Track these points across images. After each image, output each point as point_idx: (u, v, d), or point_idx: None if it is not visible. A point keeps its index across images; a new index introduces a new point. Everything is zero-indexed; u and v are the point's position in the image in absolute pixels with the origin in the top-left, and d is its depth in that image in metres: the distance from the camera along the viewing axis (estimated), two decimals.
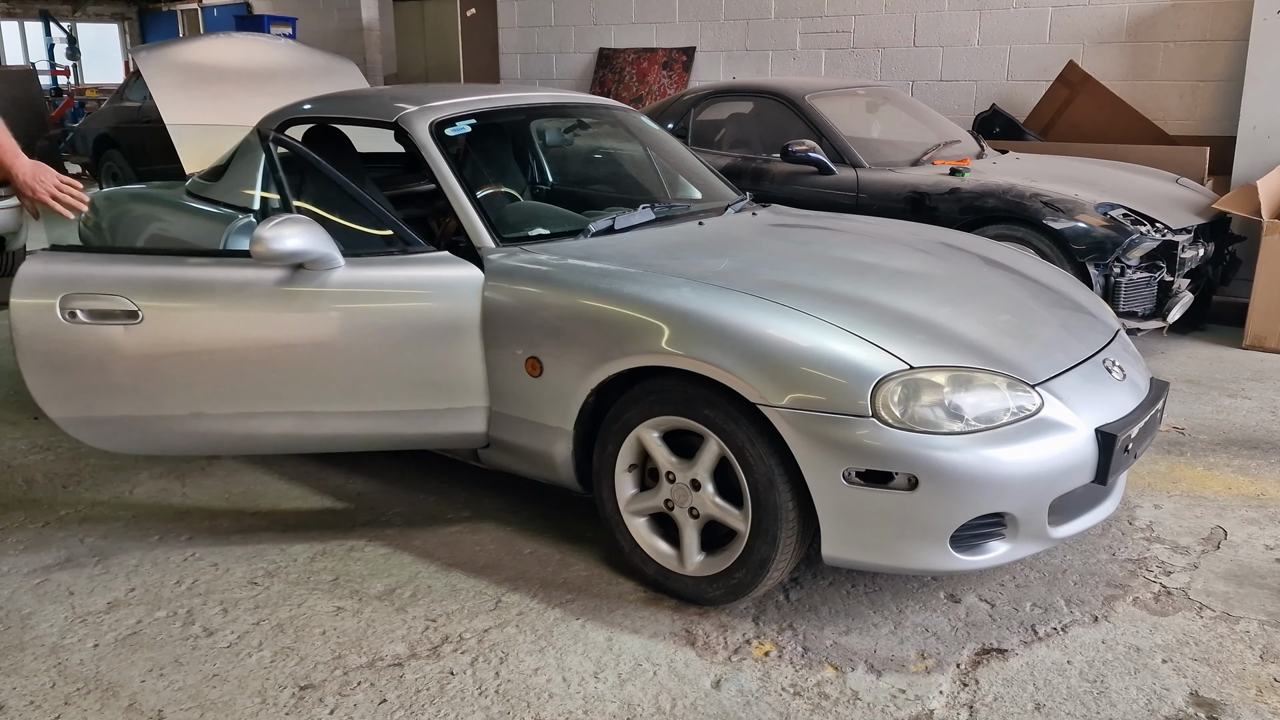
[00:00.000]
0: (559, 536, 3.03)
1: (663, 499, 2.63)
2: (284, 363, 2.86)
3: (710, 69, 8.45)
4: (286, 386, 2.87)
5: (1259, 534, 3.02)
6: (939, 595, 2.69)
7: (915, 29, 7.36)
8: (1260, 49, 5.56)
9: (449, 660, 2.41)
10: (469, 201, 3.06)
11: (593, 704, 2.25)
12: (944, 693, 2.28)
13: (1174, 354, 4.94)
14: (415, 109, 3.31)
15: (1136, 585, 2.74)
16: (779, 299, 2.55)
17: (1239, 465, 3.53)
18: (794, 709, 2.22)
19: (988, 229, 4.65)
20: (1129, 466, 2.61)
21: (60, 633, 2.55)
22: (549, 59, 9.49)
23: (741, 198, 3.73)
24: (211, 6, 15.86)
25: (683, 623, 2.56)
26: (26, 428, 4.02)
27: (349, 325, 2.82)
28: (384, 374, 2.85)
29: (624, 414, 2.62)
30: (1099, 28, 6.64)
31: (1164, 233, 4.59)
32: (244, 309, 2.83)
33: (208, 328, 2.85)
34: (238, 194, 3.70)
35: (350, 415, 2.91)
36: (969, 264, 3.18)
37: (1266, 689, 2.27)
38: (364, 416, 2.91)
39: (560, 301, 2.72)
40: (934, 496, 2.27)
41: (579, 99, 4.15)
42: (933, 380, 2.36)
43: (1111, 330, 2.97)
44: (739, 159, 5.66)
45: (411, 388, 2.86)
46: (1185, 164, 5.69)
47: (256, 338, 2.83)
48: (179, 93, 4.52)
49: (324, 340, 2.83)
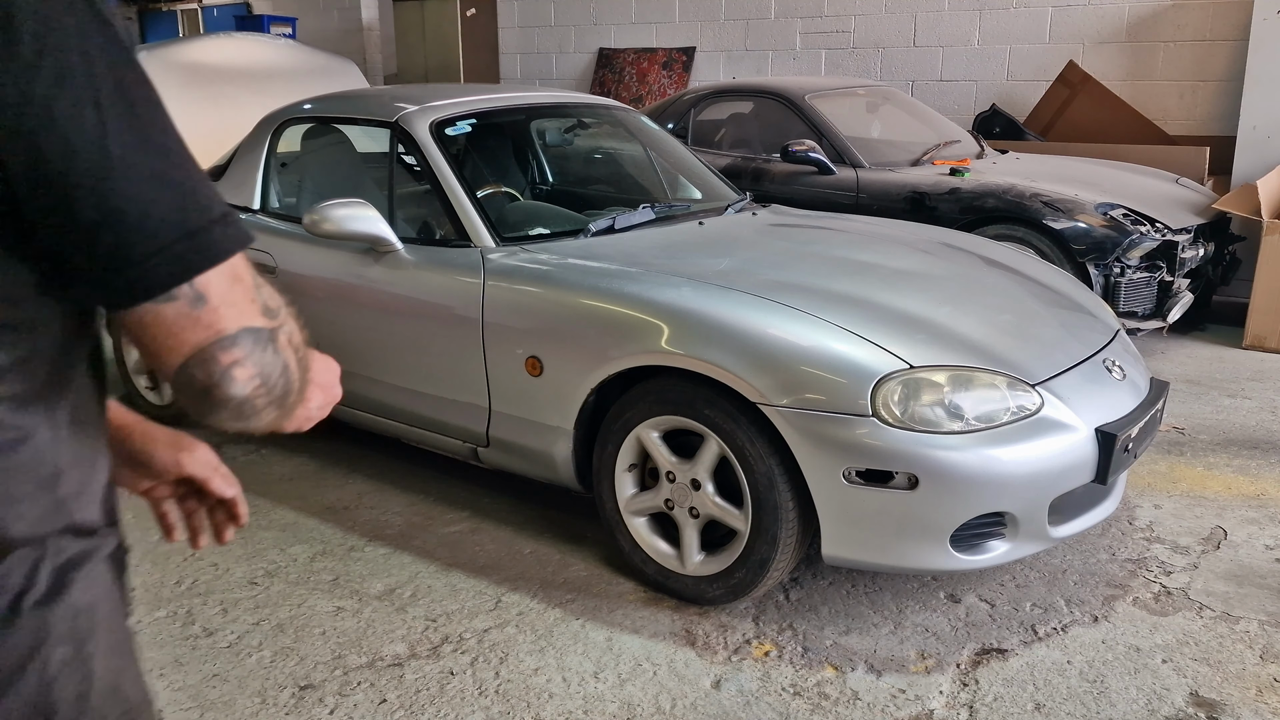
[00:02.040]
0: (559, 536, 3.03)
1: (663, 499, 2.63)
2: (357, 330, 3.18)
3: (710, 69, 8.44)
4: (358, 352, 3.19)
5: (1259, 534, 3.02)
6: (939, 595, 2.69)
7: (915, 29, 7.36)
8: (1260, 49, 5.56)
9: (449, 660, 2.41)
10: (469, 201, 3.06)
11: (593, 704, 2.25)
12: (944, 693, 2.28)
13: (1174, 354, 4.94)
14: (415, 109, 3.31)
15: (1136, 585, 2.74)
16: (779, 298, 2.55)
17: (1239, 465, 3.53)
18: (794, 709, 2.22)
19: (988, 229, 4.65)
20: (1129, 466, 2.61)
21: None
22: (549, 59, 9.49)
23: (741, 198, 3.73)
24: (211, 6, 15.86)
25: (683, 623, 2.56)
26: None
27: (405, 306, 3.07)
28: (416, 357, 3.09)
29: (624, 413, 2.62)
30: (1099, 28, 6.63)
31: (1164, 233, 4.59)
32: (331, 273, 3.20)
33: (315, 288, 3.21)
34: (238, 193, 3.70)
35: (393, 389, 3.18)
36: (969, 264, 3.18)
37: (1266, 689, 2.27)
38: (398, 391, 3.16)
39: (560, 301, 2.72)
40: (934, 496, 2.27)
41: (579, 99, 4.15)
42: (933, 380, 2.36)
43: (1111, 330, 2.97)
44: (739, 159, 5.66)
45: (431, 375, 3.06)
46: (1185, 164, 5.69)
47: (341, 300, 3.21)
48: (179, 93, 4.52)
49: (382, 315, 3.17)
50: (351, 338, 3.16)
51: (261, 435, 1.63)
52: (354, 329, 3.17)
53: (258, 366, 0.79)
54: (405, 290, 3.03)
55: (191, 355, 0.76)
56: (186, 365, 0.77)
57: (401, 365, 3.07)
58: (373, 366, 3.15)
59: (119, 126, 0.73)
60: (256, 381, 0.79)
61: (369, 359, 3.15)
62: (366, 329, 3.12)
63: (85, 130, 0.71)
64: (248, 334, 0.78)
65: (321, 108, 3.70)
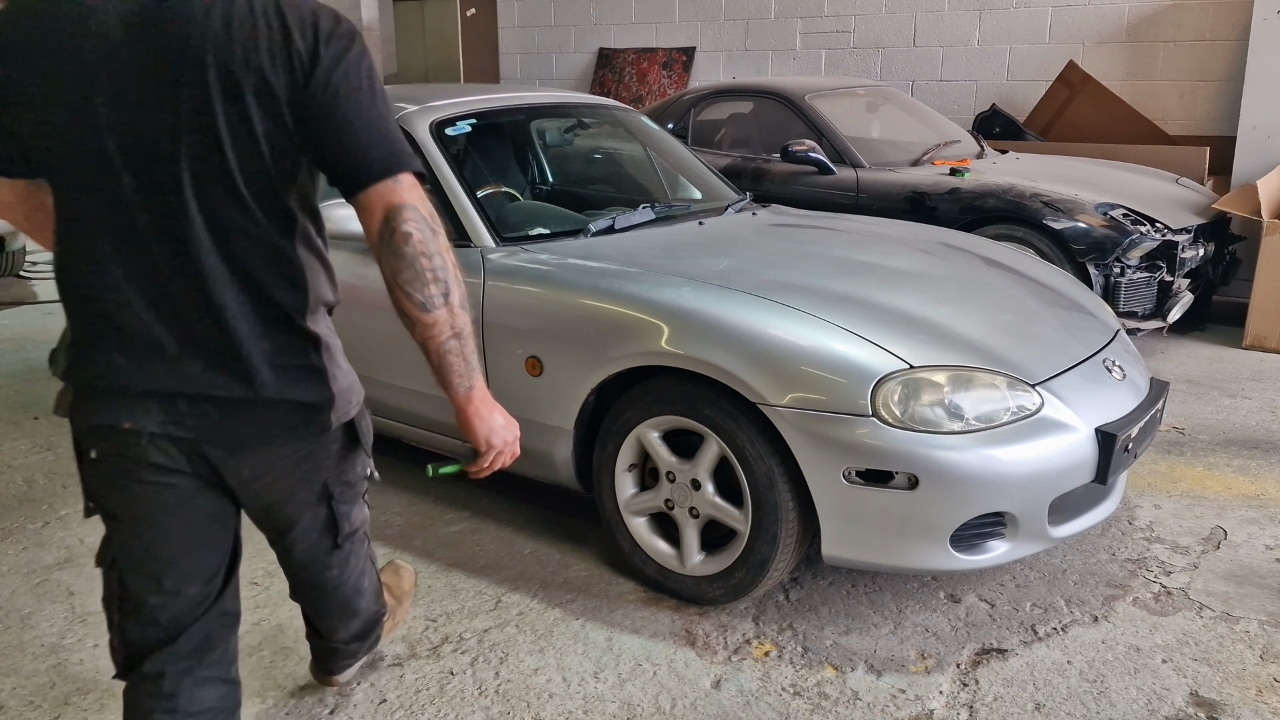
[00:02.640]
0: (559, 536, 3.03)
1: (663, 499, 2.63)
2: (358, 330, 3.11)
3: (710, 69, 8.44)
4: (358, 352, 3.18)
5: (1259, 534, 3.02)
6: (939, 595, 2.69)
7: (915, 29, 7.36)
8: (1260, 49, 5.56)
9: (449, 660, 2.41)
10: (469, 201, 3.06)
11: (593, 704, 2.25)
12: (944, 693, 2.28)
13: (1174, 354, 4.95)
14: (415, 109, 3.30)
15: (1136, 585, 2.74)
16: (779, 298, 2.55)
17: (1239, 465, 3.53)
18: (794, 709, 2.22)
19: (988, 229, 4.65)
20: (1129, 466, 2.61)
21: (60, 633, 2.55)
22: (549, 59, 9.49)
23: (741, 198, 3.73)
24: None
25: (683, 623, 2.56)
26: (27, 428, 4.02)
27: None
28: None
29: (624, 414, 2.62)
30: (1099, 28, 6.64)
31: (1164, 233, 4.59)
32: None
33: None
34: None
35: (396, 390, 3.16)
36: (969, 264, 3.18)
37: (1266, 689, 2.27)
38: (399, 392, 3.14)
39: (560, 301, 2.72)
40: (934, 496, 2.27)
41: (579, 99, 4.15)
42: (933, 380, 2.36)
43: (1111, 330, 2.96)
44: (739, 159, 5.66)
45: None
46: (1185, 164, 5.69)
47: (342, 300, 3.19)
48: None
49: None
50: (351, 337, 3.13)
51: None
52: (354, 329, 3.16)
53: (419, 225, 1.43)
54: None
55: (388, 208, 1.42)
56: (387, 216, 1.42)
57: (402, 365, 3.06)
58: (373, 366, 3.14)
59: (370, 99, 1.43)
60: (419, 234, 1.43)
61: (369, 359, 3.15)
62: (367, 329, 3.12)
63: (359, 101, 1.41)
64: (416, 207, 1.44)
65: None
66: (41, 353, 5.09)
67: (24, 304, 6.23)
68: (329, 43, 1.40)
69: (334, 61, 1.40)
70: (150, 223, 1.41)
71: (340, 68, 1.40)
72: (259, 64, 1.36)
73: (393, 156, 1.43)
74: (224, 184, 1.40)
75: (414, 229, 1.42)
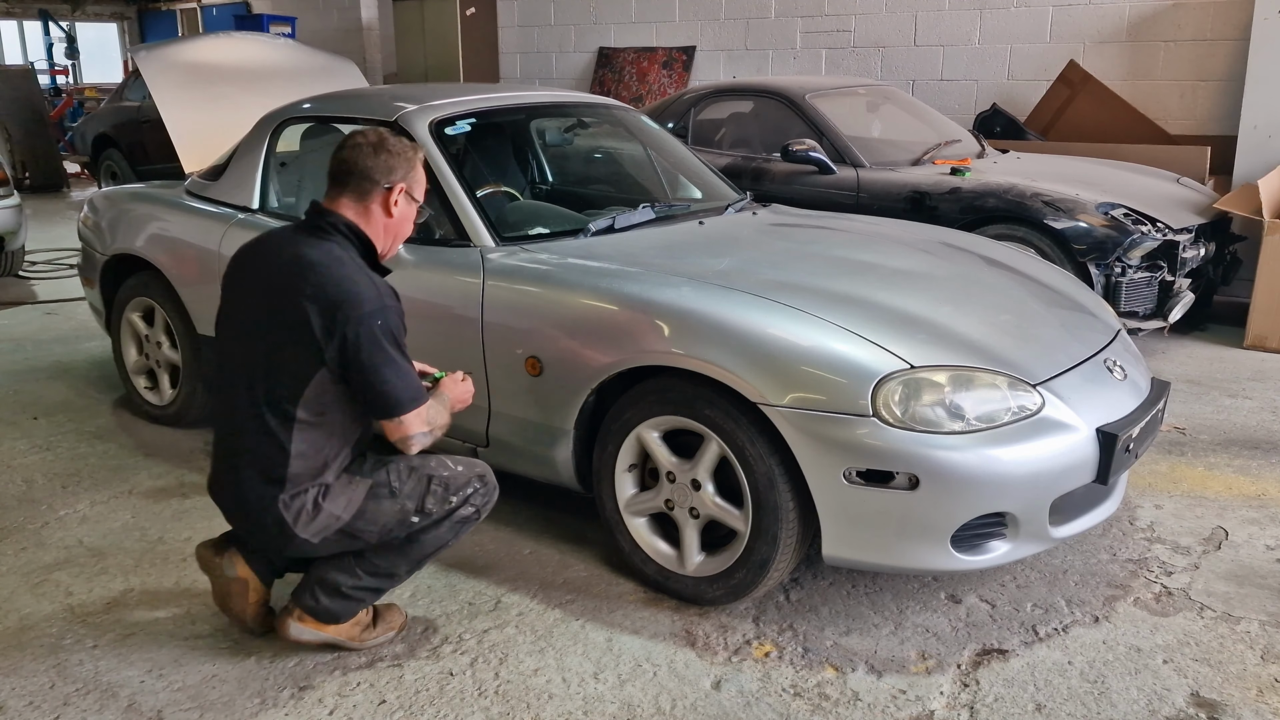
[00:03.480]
0: (559, 536, 3.03)
1: (663, 499, 2.62)
2: None
3: (710, 68, 8.44)
4: None
5: (1260, 534, 3.01)
6: (939, 595, 2.69)
7: (915, 28, 7.36)
8: (1261, 49, 5.56)
9: (449, 661, 2.41)
10: (469, 201, 3.06)
11: (592, 704, 2.24)
12: (944, 693, 2.28)
13: (1175, 354, 4.94)
14: (415, 108, 3.30)
15: (1137, 586, 2.73)
16: (779, 298, 2.54)
17: (1240, 465, 3.53)
18: (794, 709, 2.22)
19: (988, 229, 4.64)
20: (1130, 466, 2.61)
21: (60, 633, 2.54)
22: (549, 58, 9.49)
23: (742, 197, 3.73)
24: (211, 6, 15.86)
25: (683, 623, 2.56)
26: (26, 428, 4.01)
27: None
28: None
29: (624, 414, 2.62)
30: (1100, 27, 6.63)
31: (1165, 232, 4.59)
32: None
33: None
34: (237, 193, 3.70)
35: None
36: (970, 264, 3.18)
37: (1267, 689, 2.27)
38: None
39: (560, 301, 2.72)
40: (935, 496, 2.26)
41: (579, 98, 4.15)
42: (933, 380, 2.35)
43: (1112, 330, 2.96)
44: (739, 158, 5.65)
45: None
46: (1186, 164, 5.68)
47: None
48: (178, 92, 4.51)
49: None
50: None
51: None
52: None
53: (423, 444, 2.24)
54: (405, 290, 2.98)
55: (398, 439, 2.22)
56: (395, 441, 2.23)
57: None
58: None
59: (376, 356, 2.15)
60: (421, 446, 2.25)
61: None
62: None
63: (363, 359, 2.14)
64: (421, 435, 2.22)
65: (321, 107, 3.70)
66: (42, 353, 5.09)
67: (24, 304, 6.22)
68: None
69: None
70: None
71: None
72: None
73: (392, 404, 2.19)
74: None
75: (417, 448, 2.26)
